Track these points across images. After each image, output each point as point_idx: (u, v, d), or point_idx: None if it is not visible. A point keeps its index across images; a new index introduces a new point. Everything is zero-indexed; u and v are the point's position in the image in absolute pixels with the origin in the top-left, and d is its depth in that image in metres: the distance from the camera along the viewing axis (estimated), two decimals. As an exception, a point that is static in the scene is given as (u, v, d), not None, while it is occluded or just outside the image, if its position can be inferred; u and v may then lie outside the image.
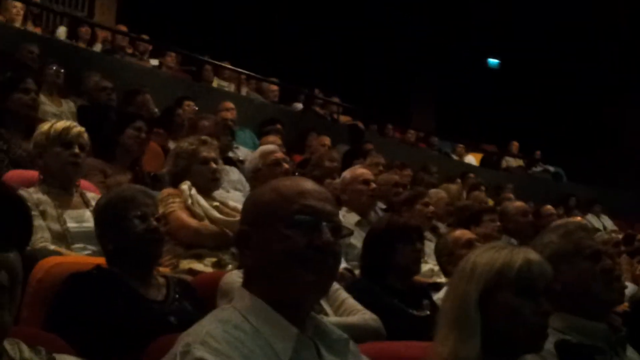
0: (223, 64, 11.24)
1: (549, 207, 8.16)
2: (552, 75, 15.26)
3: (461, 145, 13.69)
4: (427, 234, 5.61)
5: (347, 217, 4.60)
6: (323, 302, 2.96)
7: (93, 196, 3.63)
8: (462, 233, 4.27)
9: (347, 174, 4.95)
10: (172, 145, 5.62)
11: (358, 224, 4.59)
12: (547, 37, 14.99)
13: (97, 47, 9.98)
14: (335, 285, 3.09)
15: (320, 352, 1.61)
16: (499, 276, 1.84)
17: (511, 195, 8.98)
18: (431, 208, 5.45)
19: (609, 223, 10.92)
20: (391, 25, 15.17)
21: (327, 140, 8.63)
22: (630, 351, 2.44)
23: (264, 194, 1.67)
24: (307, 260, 1.55)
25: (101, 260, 2.78)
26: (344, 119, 12.15)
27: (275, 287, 1.58)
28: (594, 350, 1.79)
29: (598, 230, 9.32)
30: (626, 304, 4.59)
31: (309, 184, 1.66)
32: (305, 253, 1.55)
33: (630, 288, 5.48)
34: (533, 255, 1.90)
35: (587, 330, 2.09)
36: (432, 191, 6.44)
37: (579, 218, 8.00)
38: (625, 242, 7.57)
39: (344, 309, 3.02)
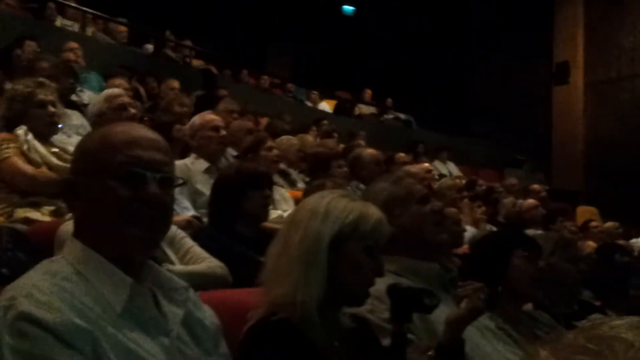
0: (67, 2, 10.63)
1: (401, 154, 8.39)
2: (405, 24, 15.57)
3: (315, 92, 13.77)
4: (279, 180, 5.63)
5: (196, 164, 4.50)
6: (168, 250, 2.90)
7: None
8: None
9: (196, 119, 4.83)
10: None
11: (207, 171, 4.50)
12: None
13: None
14: (181, 233, 3.03)
15: (159, 300, 1.56)
16: (354, 227, 1.86)
17: (363, 142, 9.13)
18: (275, 152, 5.44)
19: (454, 169, 11.37)
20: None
21: (175, 84, 8.37)
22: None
23: (92, 142, 1.58)
24: (132, 214, 1.49)
25: None
26: (196, 63, 11.87)
27: (103, 239, 1.51)
28: (424, 293, 1.83)
29: (444, 175, 9.72)
30: (466, 246, 4.84)
31: (140, 132, 1.58)
32: (129, 206, 1.49)
33: (470, 231, 5.77)
34: (380, 213, 1.93)
35: (421, 271, 2.15)
36: (283, 138, 6.44)
37: (426, 164, 8.25)
38: (467, 187, 7.92)
39: (190, 257, 2.96)
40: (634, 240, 8.48)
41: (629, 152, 12.61)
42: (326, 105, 13.63)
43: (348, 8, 17.22)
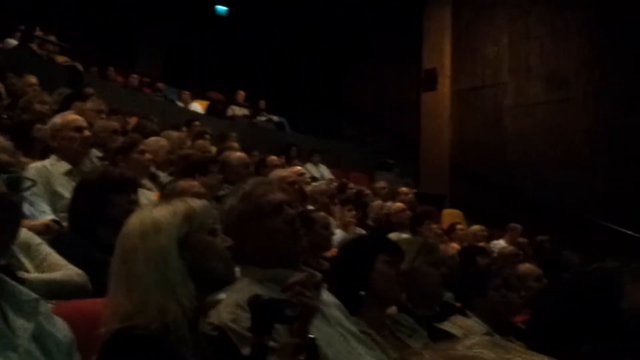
0: None
1: (273, 157, 8.38)
2: (279, 26, 15.61)
3: (187, 92, 13.55)
4: (147, 183, 5.49)
5: (56, 166, 4.29)
6: (22, 258, 2.75)
7: None
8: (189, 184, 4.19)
9: (57, 119, 4.61)
10: None
11: (68, 173, 4.29)
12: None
13: None
14: (37, 240, 2.89)
15: (6, 314, 1.46)
16: (188, 222, 1.92)
17: (235, 144, 9.06)
18: (148, 156, 5.29)
19: (326, 172, 11.50)
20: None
21: (33, 80, 7.94)
22: (325, 294, 2.58)
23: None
24: None
25: None
26: (61, 59, 11.41)
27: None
28: (285, 303, 1.84)
29: (316, 178, 9.80)
30: (335, 249, 4.88)
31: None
32: None
33: (339, 234, 5.84)
34: (200, 201, 2.04)
35: (282, 279, 2.14)
36: (152, 139, 6.28)
37: (298, 167, 8.28)
38: (338, 191, 8.02)
39: (47, 265, 2.81)
40: (495, 242, 8.87)
41: (492, 158, 13.17)
42: (198, 106, 13.44)
43: (221, 8, 17.07)
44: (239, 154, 6.59)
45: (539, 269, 5.16)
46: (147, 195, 4.78)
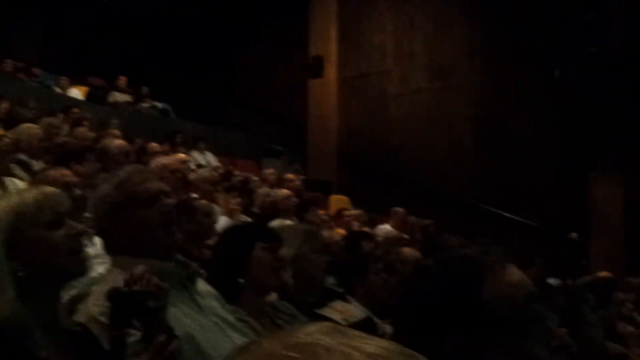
0: None
1: (154, 144, 8.17)
2: (164, 10, 15.24)
3: (65, 78, 12.99)
4: (19, 172, 5.22)
5: None
6: None
7: None
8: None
9: None
10: None
11: None
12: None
13: None
14: None
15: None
16: (18, 218, 1.80)
17: (117, 132, 8.77)
18: (7, 140, 5.03)
19: (213, 159, 11.34)
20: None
21: None
22: (201, 284, 2.50)
23: None
24: None
25: None
26: None
27: None
28: (148, 295, 1.75)
29: (202, 166, 9.65)
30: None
31: None
32: None
33: (223, 222, 5.74)
34: (45, 188, 1.94)
35: (155, 269, 2.04)
36: (23, 126, 5.97)
37: (181, 155, 8.10)
38: (223, 178, 7.91)
39: None
40: (381, 227, 8.99)
41: (378, 144, 13.35)
42: (77, 92, 12.94)
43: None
44: (118, 141, 6.36)
45: (420, 253, 5.23)
46: (17, 184, 4.55)
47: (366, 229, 7.96)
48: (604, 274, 6.56)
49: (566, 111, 11.24)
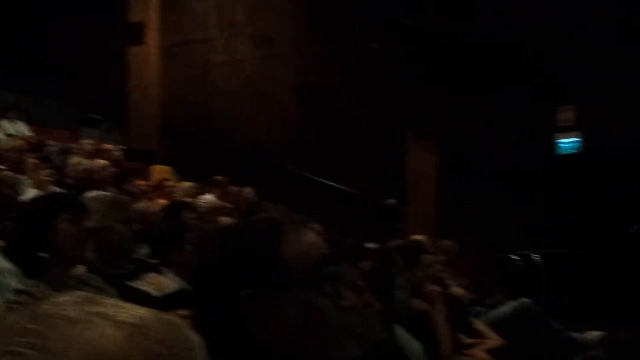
0: None
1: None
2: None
3: None
4: None
5: None
6: None
7: None
8: None
9: None
10: None
11: None
12: None
13: None
14: None
15: None
16: None
17: None
18: None
19: (24, 129, 10.73)
20: None
21: None
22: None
23: None
24: None
25: None
26: None
27: None
28: None
29: (12, 135, 9.12)
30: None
31: None
32: None
33: (32, 194, 5.44)
34: None
35: None
36: None
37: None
38: (34, 148, 7.50)
39: None
40: (202, 197, 8.91)
41: (202, 114, 13.21)
42: None
43: None
44: None
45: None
46: None
47: (188, 199, 7.86)
48: (416, 237, 6.91)
49: (382, 81, 11.65)
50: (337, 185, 11.89)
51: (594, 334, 6.12)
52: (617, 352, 6.36)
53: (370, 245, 6.76)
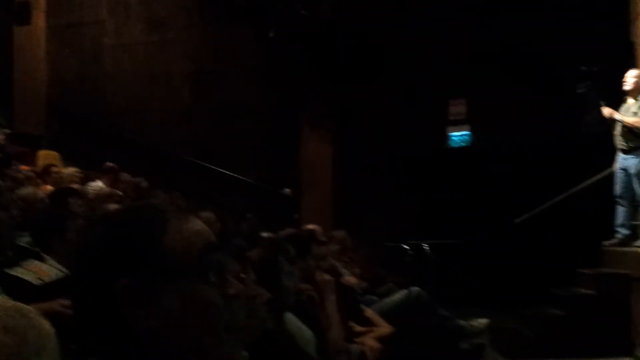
0: None
1: None
2: None
3: None
4: None
5: None
6: None
7: None
8: None
9: None
10: None
11: None
12: None
13: None
14: None
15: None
16: None
17: None
18: None
19: None
20: None
21: None
22: None
23: None
24: None
25: None
26: None
27: None
28: None
29: None
30: None
31: None
32: None
33: None
34: None
35: None
36: None
37: None
38: None
39: None
40: (91, 184, 8.64)
41: (92, 98, 12.81)
42: None
43: None
44: None
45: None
46: None
47: (76, 185, 7.60)
48: (309, 226, 6.92)
49: (279, 71, 11.61)
50: (233, 174, 11.79)
51: (480, 322, 6.29)
52: (502, 338, 6.58)
53: (264, 234, 6.74)
